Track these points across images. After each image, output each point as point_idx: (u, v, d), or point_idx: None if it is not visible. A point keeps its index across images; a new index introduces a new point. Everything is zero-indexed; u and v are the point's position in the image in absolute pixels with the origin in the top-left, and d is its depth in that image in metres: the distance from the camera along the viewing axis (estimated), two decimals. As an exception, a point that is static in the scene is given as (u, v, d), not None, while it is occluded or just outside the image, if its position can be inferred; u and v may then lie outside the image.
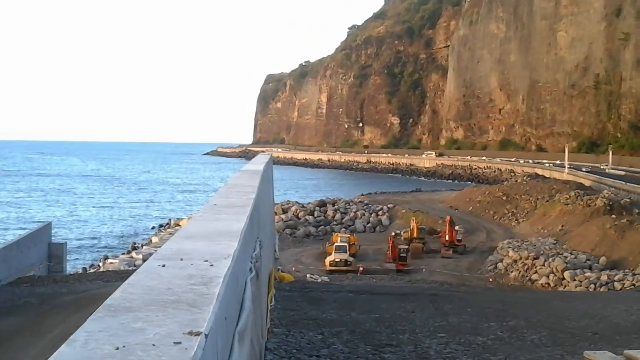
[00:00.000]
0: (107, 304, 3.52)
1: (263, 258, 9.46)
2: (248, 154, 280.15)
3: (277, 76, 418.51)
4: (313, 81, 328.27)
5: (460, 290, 31.68)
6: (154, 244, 63.90)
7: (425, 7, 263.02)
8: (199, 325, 3.22)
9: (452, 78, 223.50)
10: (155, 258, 4.88)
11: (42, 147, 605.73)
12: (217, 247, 5.41)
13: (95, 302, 13.50)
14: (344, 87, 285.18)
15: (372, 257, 57.42)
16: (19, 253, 32.56)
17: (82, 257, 62.92)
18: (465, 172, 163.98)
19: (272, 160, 22.80)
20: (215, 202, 8.91)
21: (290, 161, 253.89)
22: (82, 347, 2.88)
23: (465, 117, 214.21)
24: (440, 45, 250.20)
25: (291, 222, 71.68)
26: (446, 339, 14.58)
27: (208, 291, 3.90)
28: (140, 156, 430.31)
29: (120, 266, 49.88)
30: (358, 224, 73.50)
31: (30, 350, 19.32)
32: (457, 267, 52.97)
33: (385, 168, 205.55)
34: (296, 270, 47.10)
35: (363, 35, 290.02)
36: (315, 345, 13.40)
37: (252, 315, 5.96)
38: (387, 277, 45.85)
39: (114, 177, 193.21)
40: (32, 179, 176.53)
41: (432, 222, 70.03)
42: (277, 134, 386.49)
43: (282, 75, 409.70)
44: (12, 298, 26.28)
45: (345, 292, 24.06)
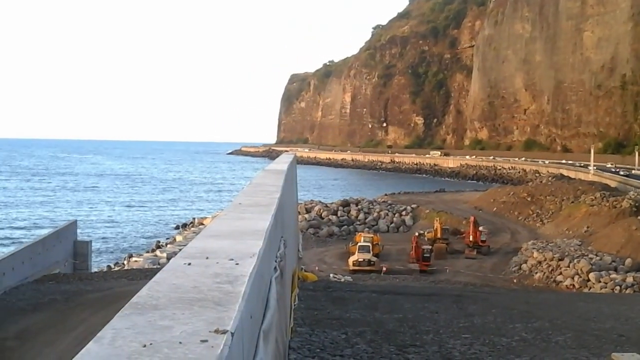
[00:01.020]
0: (134, 302, 3.53)
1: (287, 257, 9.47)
2: (271, 153, 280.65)
3: (301, 76, 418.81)
4: (337, 81, 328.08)
5: (484, 291, 31.56)
6: (177, 242, 64.16)
7: (450, 7, 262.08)
8: (224, 323, 3.22)
9: (477, 78, 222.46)
10: (181, 256, 4.90)
11: (68, 146, 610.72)
12: (242, 245, 5.42)
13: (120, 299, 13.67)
14: (368, 87, 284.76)
15: (395, 257, 57.29)
16: (45, 251, 32.82)
17: (107, 255, 63.31)
18: (489, 173, 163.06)
19: (295, 159, 22.82)
20: (240, 201, 8.92)
21: (313, 160, 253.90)
22: (109, 344, 2.89)
23: (489, 117, 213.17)
24: (464, 45, 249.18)
25: (314, 222, 71.67)
26: (470, 340, 14.52)
27: (233, 289, 3.90)
28: (164, 155, 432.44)
29: (144, 264, 50.13)
30: (381, 224, 73.36)
31: (56, 347, 19.47)
32: (481, 268, 52.72)
33: (408, 168, 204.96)
34: (319, 269, 47.09)
35: (387, 34, 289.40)
36: (338, 344, 13.39)
37: (277, 314, 5.97)
38: (410, 277, 45.74)
39: (139, 176, 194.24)
40: (58, 177, 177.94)
41: (456, 223, 69.73)
42: (300, 134, 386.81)
43: (306, 74, 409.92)
44: (38, 295, 26.50)
45: (369, 292, 24.03)
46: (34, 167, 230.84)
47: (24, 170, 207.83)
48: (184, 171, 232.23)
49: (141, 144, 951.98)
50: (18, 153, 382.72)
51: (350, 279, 42.47)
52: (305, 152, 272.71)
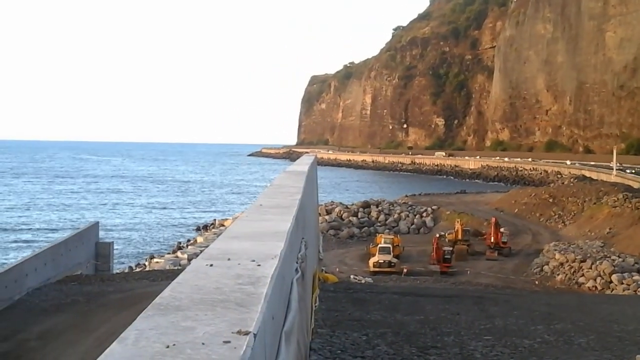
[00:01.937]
0: (157, 303, 3.55)
1: (308, 258, 9.47)
2: (292, 155, 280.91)
3: (321, 77, 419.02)
4: (357, 82, 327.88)
5: (506, 293, 31.42)
6: (198, 243, 64.38)
7: (471, 8, 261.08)
8: (247, 325, 3.24)
9: (498, 79, 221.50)
10: (203, 257, 4.92)
11: (89, 148, 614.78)
12: (264, 247, 5.43)
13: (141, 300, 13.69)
14: (388, 88, 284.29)
15: (415, 258, 57.15)
16: (67, 252, 33.05)
17: (128, 256, 63.64)
18: (510, 174, 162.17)
19: (316, 161, 22.84)
20: (261, 203, 8.95)
21: (333, 162, 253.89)
22: (133, 344, 2.91)
23: (511, 118, 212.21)
24: (485, 45, 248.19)
25: (335, 223, 71.64)
26: (492, 342, 14.47)
27: (255, 291, 3.92)
28: (186, 157, 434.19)
29: (165, 265, 50.34)
30: (402, 225, 73.19)
31: (78, 347, 19.61)
32: (502, 269, 52.46)
33: (429, 169, 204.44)
34: (340, 271, 47.07)
35: (408, 36, 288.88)
36: (359, 346, 13.39)
37: (298, 316, 5.97)
38: (431, 279, 45.61)
39: (160, 178, 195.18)
40: (80, 179, 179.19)
41: (477, 224, 69.47)
42: (320, 135, 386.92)
43: (326, 76, 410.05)
44: (60, 296, 26.69)
45: (389, 293, 24.00)
46: (56, 169, 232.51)
47: (46, 172, 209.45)
48: (205, 173, 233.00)
49: (162, 145, 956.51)
50: (40, 155, 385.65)
51: (371, 280, 42.42)
52: (325, 154, 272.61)
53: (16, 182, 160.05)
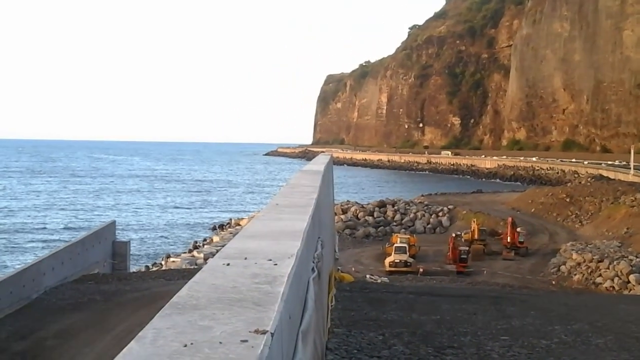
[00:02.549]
0: (174, 302, 3.56)
1: (324, 258, 9.47)
2: (308, 154, 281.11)
3: (337, 76, 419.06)
4: (373, 81, 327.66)
5: (523, 293, 31.29)
6: (214, 242, 64.54)
7: (487, 6, 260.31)
8: (264, 324, 3.24)
9: (515, 78, 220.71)
10: (220, 257, 4.92)
11: (106, 147, 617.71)
12: (280, 246, 5.43)
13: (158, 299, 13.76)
14: (404, 87, 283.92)
15: (432, 258, 57.01)
16: (84, 251, 33.21)
17: (145, 255, 63.87)
18: (527, 173, 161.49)
19: (332, 160, 22.83)
20: (277, 202, 8.95)
21: (349, 161, 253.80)
22: (151, 343, 2.91)
23: (527, 117, 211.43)
24: (502, 44, 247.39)
25: (350, 222, 71.59)
26: (509, 342, 14.41)
27: (272, 290, 3.91)
28: (202, 156, 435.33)
29: (181, 264, 50.50)
30: (418, 225, 73.04)
31: (95, 346, 19.69)
32: (519, 269, 52.24)
33: (445, 169, 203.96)
34: (356, 270, 47.02)
35: (424, 34, 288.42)
36: (375, 345, 13.36)
37: (315, 315, 5.97)
38: (447, 279, 45.48)
39: (177, 177, 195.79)
40: (97, 178, 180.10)
41: (493, 224, 69.21)
42: (336, 134, 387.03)
43: (342, 75, 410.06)
44: (77, 295, 26.83)
45: (405, 293, 23.95)
46: (73, 168, 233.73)
47: (63, 171, 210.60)
48: (221, 172, 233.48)
49: (179, 145, 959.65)
50: (57, 155, 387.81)
51: (387, 280, 42.36)
52: (341, 153, 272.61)
53: (34, 181, 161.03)
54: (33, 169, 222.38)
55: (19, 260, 56.27)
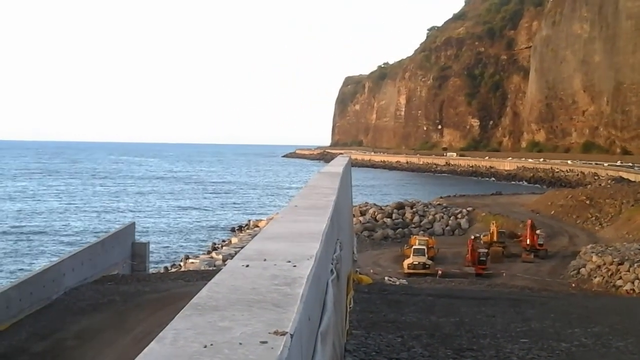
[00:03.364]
0: (194, 303, 3.57)
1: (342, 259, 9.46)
2: (326, 156, 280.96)
3: (355, 78, 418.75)
4: (391, 83, 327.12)
5: (542, 295, 31.16)
6: (233, 244, 64.65)
7: (507, 8, 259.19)
8: (283, 325, 3.24)
9: (534, 79, 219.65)
10: (239, 258, 4.94)
11: (125, 149, 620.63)
12: (299, 247, 5.44)
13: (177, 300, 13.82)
14: (423, 89, 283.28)
15: (450, 260, 56.82)
16: (104, 252, 33.38)
17: (164, 257, 64.08)
18: (546, 175, 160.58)
19: (350, 162, 22.82)
20: (296, 204, 8.96)
21: (368, 163, 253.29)
22: (171, 344, 2.93)
23: (547, 119, 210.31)
24: (521, 45, 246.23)
25: (369, 224, 71.48)
26: (528, 344, 14.35)
27: (292, 291, 3.92)
28: (220, 158, 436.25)
29: (200, 266, 50.60)
30: (436, 227, 72.82)
31: (115, 347, 19.78)
32: (538, 272, 51.96)
33: (464, 170, 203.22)
34: (374, 272, 46.95)
35: (442, 36, 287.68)
36: (394, 347, 13.34)
37: (333, 317, 5.97)
38: (466, 281, 45.31)
39: (196, 179, 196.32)
40: (117, 180, 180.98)
41: (513, 226, 68.88)
42: (355, 136, 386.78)
43: (361, 77, 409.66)
44: (97, 296, 26.96)
45: (424, 295, 23.91)
46: (93, 170, 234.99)
47: (83, 173, 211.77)
48: (240, 174, 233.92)
49: (198, 146, 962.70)
50: (77, 156, 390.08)
51: (406, 282, 42.26)
52: (359, 155, 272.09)
53: (54, 182, 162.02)
54: (53, 170, 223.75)
55: (39, 262, 56.64)
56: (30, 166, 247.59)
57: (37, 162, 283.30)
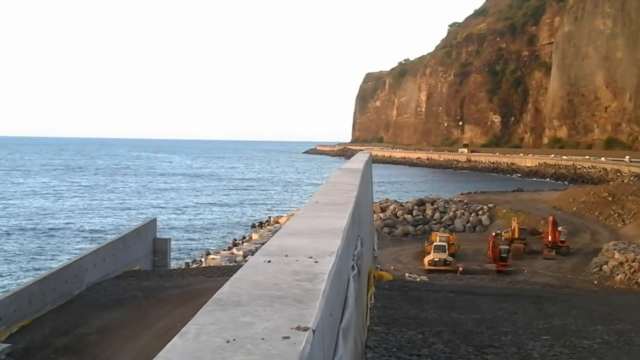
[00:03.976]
0: (216, 298, 3.58)
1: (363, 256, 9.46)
2: (346, 152, 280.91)
3: (376, 74, 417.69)
4: (412, 79, 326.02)
5: (564, 292, 31.00)
6: (253, 240, 64.81)
7: (528, 3, 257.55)
8: (306, 321, 3.24)
9: (556, 75, 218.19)
10: (261, 254, 4.95)
11: (146, 145, 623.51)
12: (320, 244, 5.44)
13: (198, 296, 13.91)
14: (444, 85, 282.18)
15: (471, 256, 56.66)
16: (125, 248, 33.55)
17: (185, 252, 64.34)
18: (568, 172, 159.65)
19: (371, 158, 22.79)
20: (317, 200, 8.96)
21: (388, 159, 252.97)
22: (194, 339, 2.94)
23: (569, 115, 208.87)
24: (543, 41, 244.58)
25: (389, 221, 71.38)
26: (550, 341, 14.27)
27: (313, 287, 3.92)
28: (241, 154, 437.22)
29: (221, 262, 50.78)
30: (457, 223, 72.60)
31: (136, 342, 19.88)
32: (560, 269, 51.69)
33: (485, 167, 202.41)
34: (394, 268, 46.92)
35: (464, 32, 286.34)
36: (415, 344, 13.32)
37: (355, 312, 5.97)
38: (487, 278, 45.16)
39: (216, 175, 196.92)
40: (138, 176, 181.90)
41: (534, 222, 68.57)
42: (375, 133, 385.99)
43: (381, 73, 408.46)
44: (119, 291, 27.12)
45: (445, 292, 23.85)
46: (114, 166, 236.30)
47: (104, 169, 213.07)
48: (260, 170, 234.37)
49: (219, 143, 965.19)
50: (98, 153, 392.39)
51: (426, 278, 42.19)
52: (380, 151, 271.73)
53: (75, 179, 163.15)
54: (75, 166, 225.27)
55: (62, 257, 57.07)
56: (53, 162, 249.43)
57: (58, 159, 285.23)
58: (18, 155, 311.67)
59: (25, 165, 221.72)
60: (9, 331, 22.76)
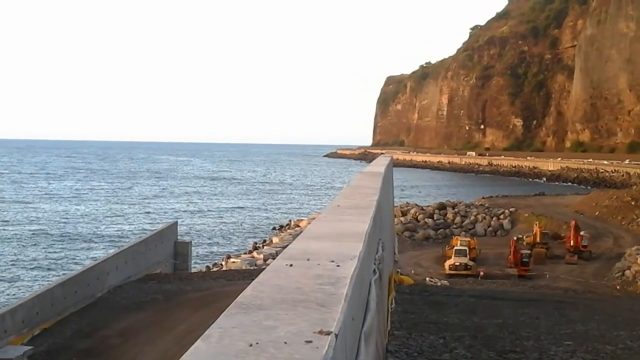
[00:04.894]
0: (239, 301, 3.58)
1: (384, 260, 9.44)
2: (367, 156, 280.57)
3: (397, 78, 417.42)
4: (433, 82, 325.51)
5: (586, 297, 30.77)
6: (274, 244, 64.83)
7: (551, 6, 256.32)
8: (328, 325, 3.24)
9: (579, 78, 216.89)
10: (283, 257, 4.95)
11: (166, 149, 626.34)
12: (342, 247, 5.43)
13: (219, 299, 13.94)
14: (466, 88, 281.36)
15: (492, 261, 56.36)
16: (147, 251, 33.71)
17: (206, 256, 64.49)
18: (591, 176, 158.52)
19: (392, 161, 22.76)
20: (338, 203, 8.95)
21: (409, 163, 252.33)
22: (217, 342, 2.94)
23: (591, 119, 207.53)
24: (566, 44, 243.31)
25: (410, 225, 71.19)
26: (572, 347, 14.17)
27: (336, 291, 3.92)
28: (262, 157, 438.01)
29: (241, 265, 50.82)
30: (478, 227, 72.29)
31: (157, 345, 19.97)
32: (582, 274, 51.31)
33: (506, 171, 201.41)
34: (415, 273, 46.77)
35: (485, 35, 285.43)
36: (436, 349, 13.27)
37: (376, 317, 5.95)
38: (509, 282, 44.90)
39: (237, 178, 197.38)
40: (159, 179, 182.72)
41: (556, 227, 68.12)
42: (396, 136, 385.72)
43: (402, 76, 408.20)
44: (140, 294, 27.25)
45: (466, 297, 23.75)
46: (135, 169, 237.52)
47: (125, 172, 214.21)
48: (281, 173, 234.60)
49: (240, 146, 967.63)
50: (119, 156, 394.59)
51: (447, 283, 42.02)
52: (401, 155, 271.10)
53: (97, 182, 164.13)
54: (97, 169, 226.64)
55: (84, 260, 57.42)
56: (75, 166, 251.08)
57: (81, 162, 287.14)
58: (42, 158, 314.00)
59: (49, 169, 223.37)
60: (32, 333, 22.92)
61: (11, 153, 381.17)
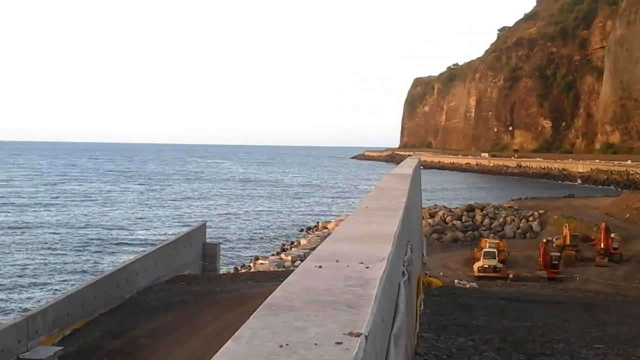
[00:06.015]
0: (269, 302, 3.59)
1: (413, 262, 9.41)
2: (395, 158, 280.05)
3: (424, 79, 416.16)
4: (461, 84, 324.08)
5: (617, 300, 30.48)
6: (302, 245, 64.92)
7: (580, 7, 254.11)
8: (358, 326, 3.24)
9: (608, 79, 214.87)
10: (312, 259, 4.95)
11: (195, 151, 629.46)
12: (371, 249, 5.43)
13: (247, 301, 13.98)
14: (494, 90, 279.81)
15: (521, 263, 56.01)
16: (176, 252, 33.90)
17: (234, 257, 64.71)
18: (621, 178, 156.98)
19: (419, 163, 22.71)
20: (367, 205, 8.95)
21: (437, 165, 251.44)
22: (247, 343, 2.95)
23: (621, 120, 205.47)
24: (595, 45, 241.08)
25: (438, 227, 70.95)
26: (604, 350, 14.04)
27: (365, 292, 3.91)
28: (290, 159, 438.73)
29: (269, 267, 50.96)
30: (507, 230, 71.86)
31: (186, 346, 20.06)
32: (613, 276, 50.82)
33: (535, 172, 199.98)
34: (443, 275, 46.62)
35: (513, 36, 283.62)
36: (465, 351, 13.20)
37: (405, 319, 5.94)
38: (538, 285, 44.58)
39: (266, 180, 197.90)
40: (188, 181, 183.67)
41: (586, 229, 67.51)
42: (424, 138, 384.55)
43: (430, 78, 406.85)
44: (169, 295, 27.41)
45: (495, 299, 23.63)
46: (164, 171, 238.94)
47: (154, 174, 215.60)
48: (309, 175, 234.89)
49: (268, 148, 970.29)
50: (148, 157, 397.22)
51: (476, 285, 41.83)
52: (428, 156, 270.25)
53: (126, 184, 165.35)
54: (126, 171, 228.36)
55: (113, 261, 57.86)
56: (103, 167, 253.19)
57: (108, 164, 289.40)
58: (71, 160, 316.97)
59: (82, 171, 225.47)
60: (62, 334, 23.14)
61: (42, 156, 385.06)
